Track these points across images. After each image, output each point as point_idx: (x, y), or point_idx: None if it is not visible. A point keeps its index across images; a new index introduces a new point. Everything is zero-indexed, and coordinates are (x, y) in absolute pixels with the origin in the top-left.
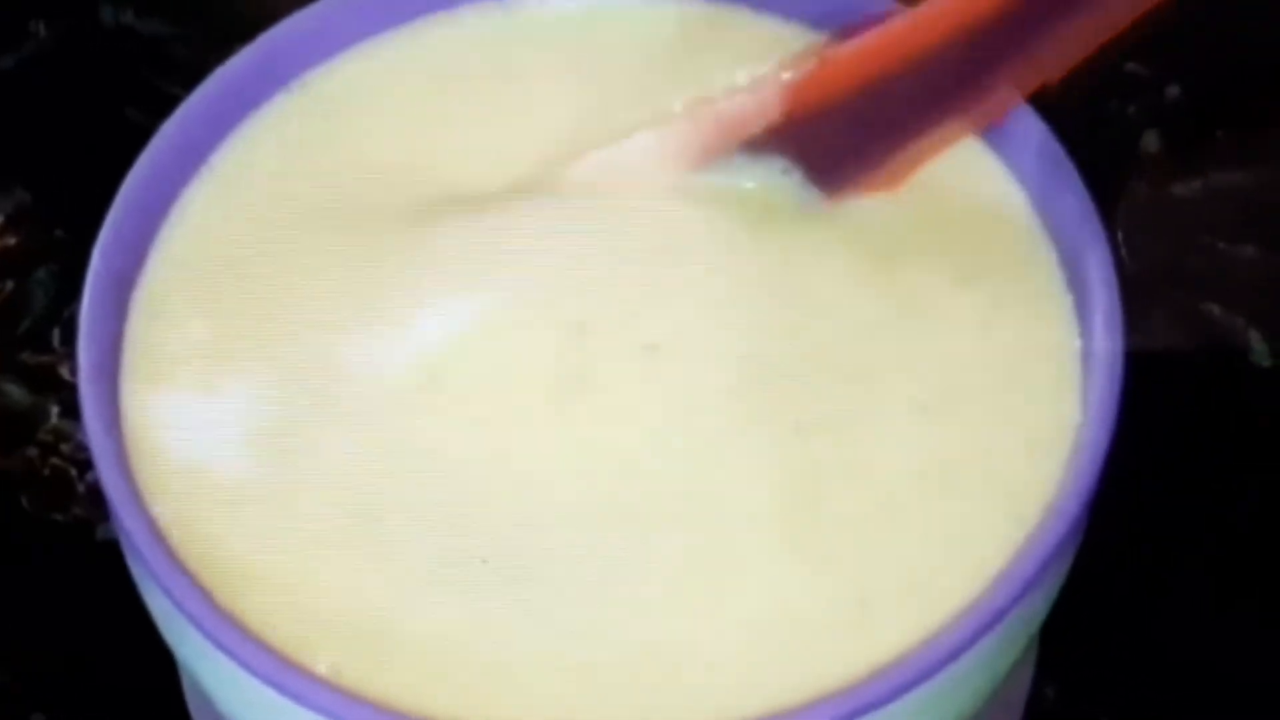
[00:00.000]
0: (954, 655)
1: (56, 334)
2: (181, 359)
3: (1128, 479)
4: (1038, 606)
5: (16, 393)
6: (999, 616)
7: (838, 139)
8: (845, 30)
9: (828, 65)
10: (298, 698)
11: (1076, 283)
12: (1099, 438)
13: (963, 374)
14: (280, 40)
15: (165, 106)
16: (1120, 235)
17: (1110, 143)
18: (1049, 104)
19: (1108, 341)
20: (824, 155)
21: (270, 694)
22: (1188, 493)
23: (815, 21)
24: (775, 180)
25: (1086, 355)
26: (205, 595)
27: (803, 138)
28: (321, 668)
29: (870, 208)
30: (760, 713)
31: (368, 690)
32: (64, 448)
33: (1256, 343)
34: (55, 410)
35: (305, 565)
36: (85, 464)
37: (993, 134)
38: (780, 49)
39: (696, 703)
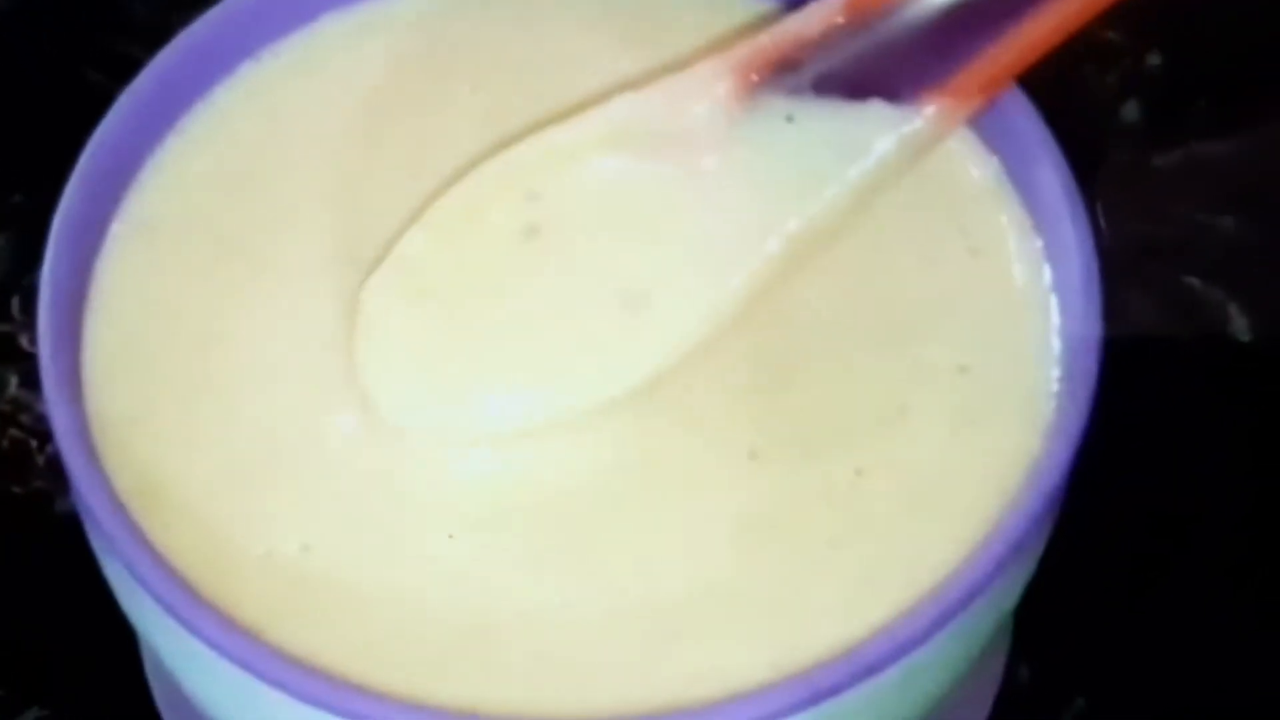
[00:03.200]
0: (928, 634)
1: (16, 303)
2: (146, 328)
3: (1105, 453)
4: (1013, 582)
5: None
6: (972, 594)
7: (906, 48)
8: None
9: None
10: (258, 673)
11: (1054, 254)
12: (1076, 411)
13: (942, 350)
14: (254, 1)
15: (125, 69)
16: (1099, 206)
17: (1089, 112)
18: (1026, 73)
19: (1086, 314)
20: (894, 69)
21: (229, 668)
22: (1165, 468)
23: None
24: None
25: (1064, 328)
26: (165, 568)
27: (868, 53)
28: (290, 641)
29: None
30: (742, 684)
31: (336, 663)
32: (24, 419)
33: (1236, 316)
34: (14, 381)
35: (275, 538)
36: (45, 435)
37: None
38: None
39: (672, 670)
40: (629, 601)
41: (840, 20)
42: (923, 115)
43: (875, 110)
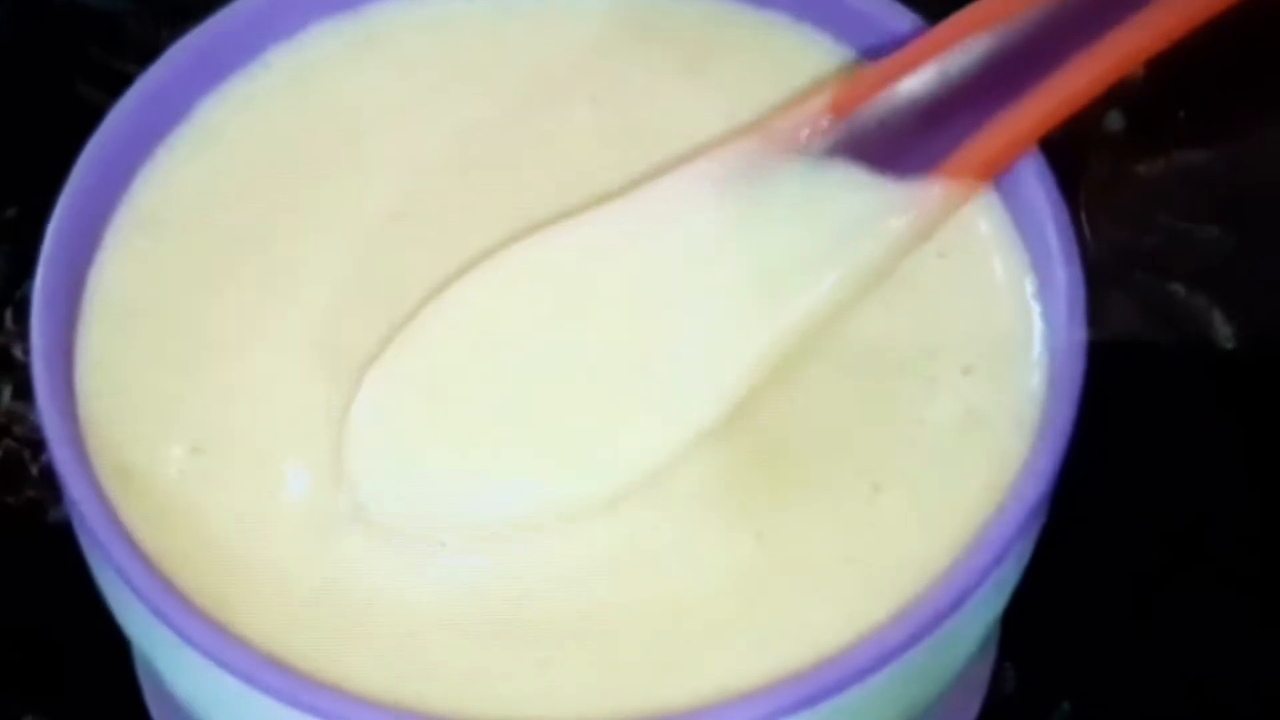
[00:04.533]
0: (915, 640)
1: (9, 314)
2: (137, 338)
3: (1091, 460)
4: (1000, 588)
5: None
6: (958, 600)
7: (899, 131)
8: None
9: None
10: (253, 682)
11: (1039, 263)
12: (1061, 419)
13: (929, 356)
14: (243, 15)
15: (118, 84)
16: (1083, 215)
17: (1072, 122)
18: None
19: (1070, 322)
20: (888, 151)
21: (223, 676)
22: (1150, 474)
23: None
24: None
25: (1049, 337)
26: (159, 577)
27: (860, 137)
28: (286, 654)
29: None
30: (732, 688)
31: (336, 673)
32: (17, 429)
33: (1220, 324)
34: (8, 391)
35: (265, 547)
36: (38, 446)
37: None
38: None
39: (665, 675)
40: (623, 609)
41: (824, 121)
42: (926, 193)
43: (878, 185)
